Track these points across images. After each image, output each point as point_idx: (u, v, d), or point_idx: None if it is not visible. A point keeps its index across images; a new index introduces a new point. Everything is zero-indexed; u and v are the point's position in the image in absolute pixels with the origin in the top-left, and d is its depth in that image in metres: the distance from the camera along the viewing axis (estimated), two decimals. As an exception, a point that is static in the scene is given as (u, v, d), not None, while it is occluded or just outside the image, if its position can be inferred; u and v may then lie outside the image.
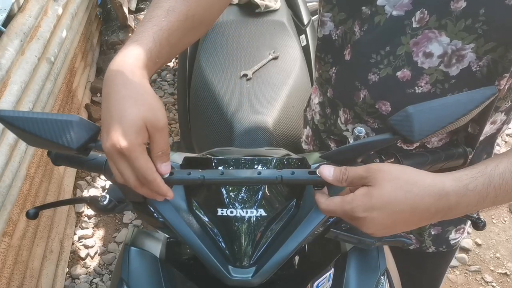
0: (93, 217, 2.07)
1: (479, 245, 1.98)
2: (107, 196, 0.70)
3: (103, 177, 2.24)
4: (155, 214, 0.66)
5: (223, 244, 0.63)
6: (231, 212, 0.63)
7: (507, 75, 0.69)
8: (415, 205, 0.52)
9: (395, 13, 0.71)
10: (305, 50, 1.47)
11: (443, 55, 0.70)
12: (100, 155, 0.73)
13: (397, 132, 0.58)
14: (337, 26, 0.84)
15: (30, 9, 1.74)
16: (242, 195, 0.65)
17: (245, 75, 1.22)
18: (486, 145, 0.88)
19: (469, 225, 1.00)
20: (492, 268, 1.91)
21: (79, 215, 2.07)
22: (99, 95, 2.63)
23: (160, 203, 0.64)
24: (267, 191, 0.65)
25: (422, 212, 0.53)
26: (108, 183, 2.17)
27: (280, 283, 0.70)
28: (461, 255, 1.91)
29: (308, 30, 1.53)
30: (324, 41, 0.87)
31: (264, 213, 0.64)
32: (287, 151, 0.79)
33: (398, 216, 0.53)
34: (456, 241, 0.99)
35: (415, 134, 0.57)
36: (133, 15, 3.28)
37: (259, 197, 0.65)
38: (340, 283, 0.73)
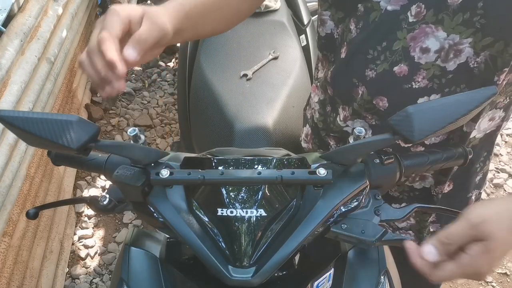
0: (93, 217, 2.07)
1: (479, 245, 1.98)
2: (107, 196, 0.70)
3: (103, 177, 2.24)
4: (155, 214, 0.66)
5: (223, 244, 0.63)
6: (231, 212, 0.63)
7: (506, 69, 0.69)
8: None
9: (390, 8, 0.71)
10: (305, 50, 1.47)
11: (440, 50, 0.70)
12: (100, 155, 0.73)
13: (397, 132, 0.59)
14: (337, 25, 0.84)
15: (30, 9, 1.74)
16: (242, 195, 0.65)
17: (245, 75, 1.22)
18: (485, 143, 0.88)
19: None
20: (492, 268, 1.91)
21: (79, 215, 2.07)
22: (99, 95, 2.63)
23: (160, 203, 0.64)
24: (267, 191, 0.65)
25: None
26: (108, 183, 2.17)
27: (280, 283, 0.70)
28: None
29: (308, 30, 1.53)
30: (327, 40, 0.88)
31: (264, 213, 0.64)
32: (287, 151, 0.79)
33: None
34: None
35: (415, 134, 0.57)
36: (133, 15, 3.28)
37: (259, 197, 0.65)
38: (340, 283, 0.73)
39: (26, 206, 1.54)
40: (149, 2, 3.48)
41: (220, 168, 0.68)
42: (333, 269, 0.75)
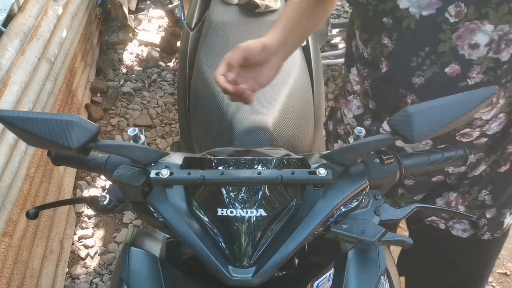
0: (93, 217, 2.07)
1: (479, 245, 1.98)
2: (107, 196, 0.70)
3: (103, 177, 2.24)
4: (155, 214, 0.66)
5: (223, 244, 0.63)
6: (231, 212, 0.63)
7: None
8: None
9: (425, 13, 0.70)
10: (305, 50, 1.47)
11: (490, 43, 0.69)
12: (100, 155, 0.73)
13: (397, 132, 0.59)
14: (365, 45, 0.85)
15: (30, 9, 1.74)
16: (242, 195, 0.65)
17: (245, 75, 1.22)
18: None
19: None
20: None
21: (79, 215, 2.07)
22: (99, 95, 2.63)
23: (160, 203, 0.64)
24: (267, 191, 0.65)
25: None
26: (108, 183, 2.17)
27: (280, 283, 0.70)
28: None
29: (308, 30, 1.53)
30: (359, 55, 0.88)
31: (264, 213, 0.64)
32: (287, 151, 0.79)
33: None
34: (508, 225, 0.97)
35: (415, 134, 0.57)
36: (133, 15, 3.28)
37: (259, 197, 0.65)
38: (340, 283, 0.73)
39: (26, 206, 1.54)
40: (148, 2, 3.48)
41: (220, 168, 0.68)
42: (333, 269, 0.75)
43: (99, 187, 2.19)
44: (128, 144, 0.64)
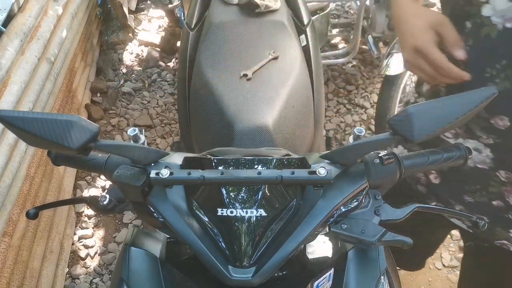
0: (93, 217, 2.07)
1: (479, 245, 1.98)
2: (107, 196, 0.70)
3: (103, 177, 2.24)
4: (155, 214, 0.66)
5: (223, 244, 0.63)
6: (231, 212, 0.63)
7: None
8: None
9: (509, 25, 0.68)
10: (305, 50, 1.47)
11: None
12: (100, 155, 0.73)
13: (397, 132, 0.59)
14: None
15: (30, 9, 1.74)
16: (242, 195, 0.65)
17: (245, 75, 1.22)
18: None
19: None
20: (492, 268, 1.91)
21: (79, 215, 2.07)
22: (99, 95, 2.63)
23: (160, 203, 0.64)
24: (267, 191, 0.65)
25: None
26: (108, 183, 2.17)
27: (280, 283, 0.70)
28: (461, 255, 1.90)
29: (308, 30, 1.53)
30: None
31: (264, 213, 0.64)
32: (287, 151, 0.79)
33: None
34: None
35: (415, 134, 0.57)
36: (133, 15, 3.28)
37: (259, 197, 0.65)
38: (340, 283, 0.73)
39: (26, 206, 1.54)
40: (149, 2, 3.48)
41: (220, 168, 0.68)
42: (333, 269, 0.75)
43: (99, 187, 2.19)
44: (128, 144, 0.64)
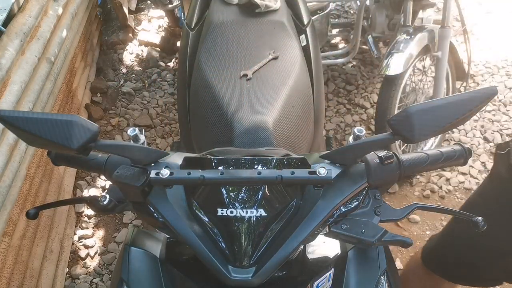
0: (93, 217, 2.07)
1: (479, 245, 1.98)
2: (107, 196, 0.70)
3: (103, 177, 2.24)
4: (155, 214, 0.66)
5: (223, 244, 0.63)
6: (231, 212, 0.63)
7: None
8: None
9: None
10: (305, 50, 1.47)
11: None
12: (100, 155, 0.73)
13: (397, 132, 0.58)
14: None
15: (30, 9, 1.74)
16: (242, 195, 0.65)
17: (245, 75, 1.22)
18: None
19: None
20: (492, 268, 1.90)
21: (79, 215, 2.07)
22: (99, 95, 2.63)
23: (160, 203, 0.64)
24: (267, 191, 0.65)
25: None
26: (108, 183, 2.17)
27: (280, 283, 0.70)
28: (461, 255, 1.90)
29: (308, 30, 1.53)
30: None
31: (264, 213, 0.64)
32: (287, 151, 0.79)
33: None
34: None
35: (415, 134, 0.57)
36: (133, 15, 3.28)
37: (259, 197, 0.65)
38: (340, 283, 0.73)
39: (26, 206, 1.54)
40: (149, 2, 3.48)
41: (220, 168, 0.68)
42: (333, 269, 0.75)
43: (99, 187, 2.19)
44: (128, 144, 0.65)
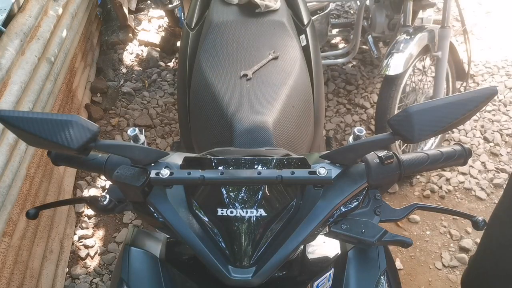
0: (93, 217, 2.07)
1: (479, 245, 1.98)
2: (107, 196, 0.70)
3: (103, 177, 2.24)
4: (155, 214, 0.66)
5: (223, 244, 0.63)
6: (231, 212, 0.63)
7: None
8: None
9: None
10: (305, 50, 1.47)
11: None
12: (100, 155, 0.73)
13: (397, 132, 0.59)
14: None
15: (30, 9, 1.74)
16: (242, 195, 0.65)
17: (245, 75, 1.22)
18: None
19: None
20: (492, 268, 1.90)
21: (79, 215, 2.07)
22: (99, 95, 2.63)
23: (160, 203, 0.64)
24: (267, 191, 0.65)
25: None
26: (108, 183, 2.17)
27: (280, 283, 0.70)
28: (461, 255, 1.91)
29: (308, 30, 1.53)
30: None
31: (264, 213, 0.64)
32: (287, 151, 0.79)
33: None
34: None
35: (415, 134, 0.57)
36: (133, 15, 3.28)
37: (259, 197, 0.65)
38: (340, 283, 0.73)
39: (26, 206, 1.54)
40: (149, 2, 3.48)
41: (220, 168, 0.68)
42: (333, 269, 0.75)
43: (99, 187, 2.19)
44: (128, 144, 0.65)
